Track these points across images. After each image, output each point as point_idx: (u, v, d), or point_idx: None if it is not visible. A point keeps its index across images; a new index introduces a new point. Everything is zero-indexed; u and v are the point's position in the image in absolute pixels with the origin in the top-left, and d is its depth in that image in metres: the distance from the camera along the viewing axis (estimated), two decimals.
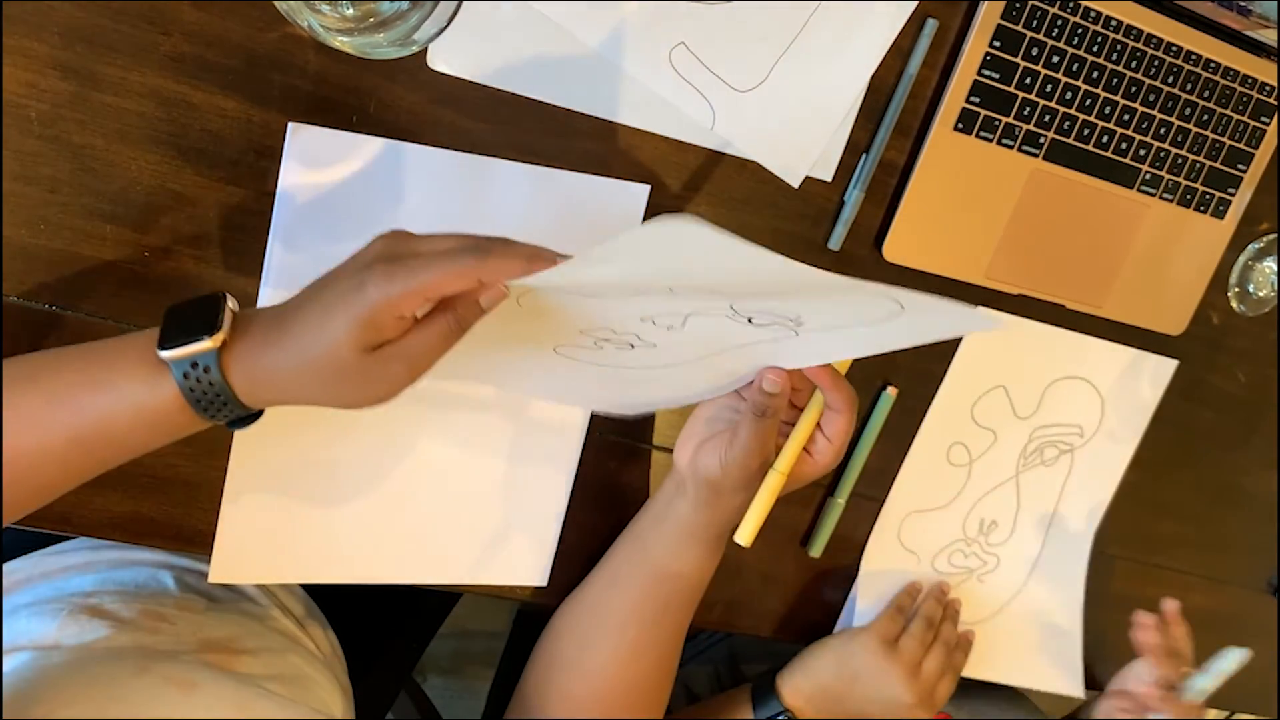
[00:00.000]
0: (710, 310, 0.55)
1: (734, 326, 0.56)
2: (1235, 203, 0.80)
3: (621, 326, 0.57)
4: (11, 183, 0.54)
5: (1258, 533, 0.95)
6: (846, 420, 0.62)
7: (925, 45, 0.68)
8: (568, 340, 0.59)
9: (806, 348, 0.58)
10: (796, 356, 0.59)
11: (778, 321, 0.55)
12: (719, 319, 0.55)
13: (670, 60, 0.63)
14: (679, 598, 0.68)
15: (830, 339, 0.57)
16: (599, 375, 0.63)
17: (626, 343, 0.58)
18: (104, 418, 0.48)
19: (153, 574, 0.67)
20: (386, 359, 0.48)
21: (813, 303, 0.53)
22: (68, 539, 0.69)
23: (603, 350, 0.60)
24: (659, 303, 0.54)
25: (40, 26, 0.52)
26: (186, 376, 0.47)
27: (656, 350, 0.59)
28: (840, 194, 0.70)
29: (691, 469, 0.64)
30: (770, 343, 0.58)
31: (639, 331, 0.57)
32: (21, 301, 0.56)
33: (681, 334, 0.57)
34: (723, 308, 0.54)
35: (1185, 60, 0.74)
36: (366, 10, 0.53)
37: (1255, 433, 0.91)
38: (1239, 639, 0.83)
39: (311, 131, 0.57)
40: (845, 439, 0.62)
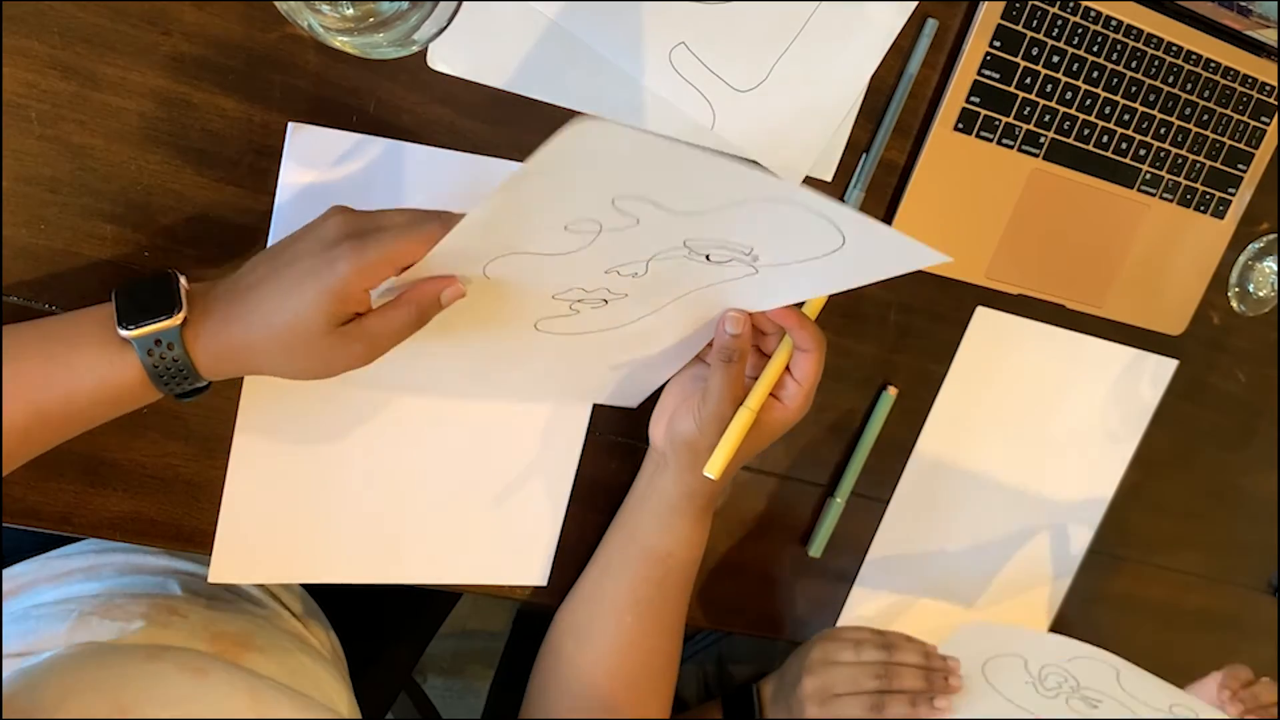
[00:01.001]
0: (669, 251, 0.55)
1: (694, 266, 0.57)
2: (1235, 203, 0.80)
3: (591, 284, 0.58)
4: (11, 183, 0.54)
5: (1258, 533, 0.95)
6: (815, 360, 0.61)
7: (925, 45, 0.68)
8: (545, 310, 0.59)
9: (767, 287, 0.59)
10: (760, 298, 0.60)
11: (735, 257, 0.56)
12: (678, 260, 0.56)
13: (670, 60, 0.63)
14: (673, 577, 0.68)
15: (788, 276, 0.57)
16: (584, 348, 0.63)
17: (599, 299, 0.59)
18: (67, 394, 0.50)
19: (160, 581, 0.67)
20: (350, 336, 0.51)
21: (759, 229, 0.54)
22: (70, 540, 0.69)
23: (579, 315, 0.60)
24: (618, 247, 0.55)
25: (40, 26, 0.52)
26: (150, 354, 0.49)
27: (628, 301, 0.60)
28: (840, 194, 0.70)
29: (669, 439, 0.64)
30: (733, 281, 0.58)
31: (608, 285, 0.58)
32: (21, 301, 0.56)
33: (647, 280, 0.58)
34: (678, 244, 0.55)
35: (1185, 60, 0.74)
36: (366, 10, 0.53)
37: (1255, 433, 0.91)
38: (1239, 639, 0.83)
39: (311, 131, 0.57)
40: (814, 380, 0.62)
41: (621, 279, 0.58)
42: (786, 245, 0.55)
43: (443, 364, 0.63)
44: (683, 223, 0.53)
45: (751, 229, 0.54)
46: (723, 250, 0.56)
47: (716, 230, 0.54)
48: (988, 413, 0.80)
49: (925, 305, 0.75)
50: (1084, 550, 0.88)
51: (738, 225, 0.53)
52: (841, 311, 0.73)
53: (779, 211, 0.52)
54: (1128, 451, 0.86)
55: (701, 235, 0.55)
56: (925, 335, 0.76)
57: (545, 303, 0.59)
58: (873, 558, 0.81)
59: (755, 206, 0.52)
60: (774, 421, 0.63)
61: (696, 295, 0.60)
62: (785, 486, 0.77)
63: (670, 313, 0.62)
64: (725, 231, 0.54)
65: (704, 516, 0.67)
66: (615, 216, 0.53)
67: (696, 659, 1.01)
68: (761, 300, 0.60)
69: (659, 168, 0.49)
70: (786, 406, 0.63)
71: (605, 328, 0.62)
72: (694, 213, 0.53)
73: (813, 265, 0.56)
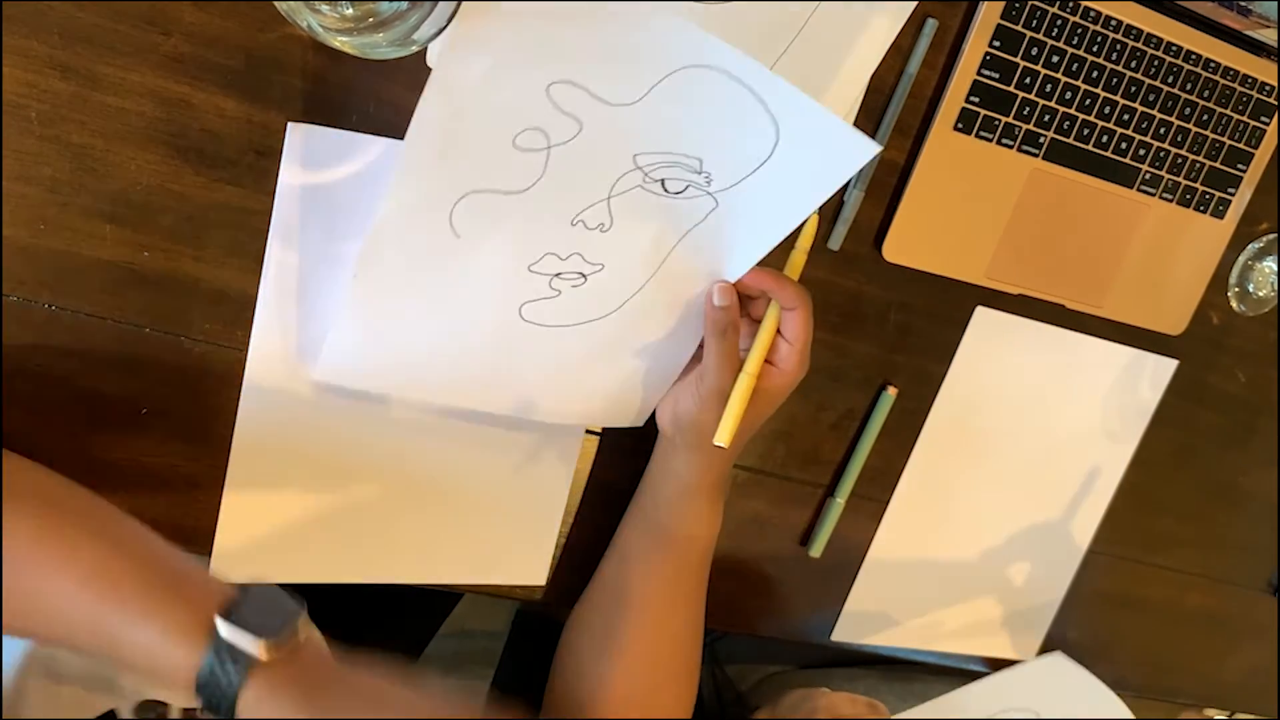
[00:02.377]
0: (624, 178, 0.56)
1: (655, 202, 0.58)
2: (1235, 202, 0.80)
3: (563, 246, 0.58)
4: (11, 183, 0.54)
5: (1258, 533, 0.95)
6: (802, 317, 0.61)
7: (925, 45, 0.68)
8: (526, 290, 0.60)
9: (733, 231, 0.60)
10: (730, 251, 0.61)
11: (690, 182, 0.57)
12: (638, 195, 0.57)
13: None
14: (691, 560, 0.68)
15: (746, 206, 0.59)
16: (577, 343, 0.63)
17: (576, 271, 0.60)
18: (109, 633, 0.45)
19: None
20: None
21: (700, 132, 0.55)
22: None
23: (562, 298, 0.60)
24: (572, 172, 0.55)
25: (40, 26, 0.52)
26: (218, 658, 0.44)
27: (606, 276, 0.60)
28: (840, 194, 0.70)
29: (674, 423, 0.65)
30: (701, 229, 0.59)
31: (580, 250, 0.59)
32: (21, 301, 0.56)
33: (616, 235, 0.59)
34: (629, 163, 0.56)
35: (1185, 60, 0.74)
36: (366, 10, 0.52)
37: (1255, 433, 0.91)
38: (1239, 639, 0.83)
39: (311, 131, 0.57)
40: (805, 338, 0.62)
41: (589, 234, 0.58)
42: (729, 150, 0.56)
43: (439, 370, 0.62)
44: (624, 123, 0.54)
45: (694, 132, 0.55)
46: (674, 168, 0.57)
47: (660, 134, 0.55)
48: (988, 412, 0.80)
49: (925, 305, 0.75)
50: (1084, 550, 0.88)
51: (678, 126, 0.55)
52: (841, 311, 0.73)
53: (709, 93, 0.53)
54: (1127, 451, 0.86)
55: (647, 142, 0.55)
56: (925, 335, 0.76)
57: (524, 279, 0.59)
58: (873, 558, 0.81)
59: (683, 86, 0.53)
60: (774, 388, 0.63)
61: (672, 267, 0.61)
62: (785, 486, 0.77)
63: (652, 293, 0.62)
64: (670, 137, 0.55)
65: (717, 497, 0.67)
66: (556, 119, 0.53)
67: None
68: (732, 256, 0.61)
69: (572, 36, 0.50)
70: (783, 370, 0.62)
71: (592, 317, 0.62)
72: (630, 103, 0.54)
73: (761, 182, 0.57)
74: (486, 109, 0.52)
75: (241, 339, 0.59)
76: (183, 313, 0.58)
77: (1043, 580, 0.88)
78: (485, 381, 0.64)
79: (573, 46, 0.51)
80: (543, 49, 0.50)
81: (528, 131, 0.54)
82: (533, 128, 0.53)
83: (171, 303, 0.58)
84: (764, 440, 0.75)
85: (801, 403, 0.74)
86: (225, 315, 0.59)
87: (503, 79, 0.51)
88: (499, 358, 0.62)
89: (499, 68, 0.51)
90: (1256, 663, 1.00)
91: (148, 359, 0.58)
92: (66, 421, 0.58)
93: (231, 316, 0.59)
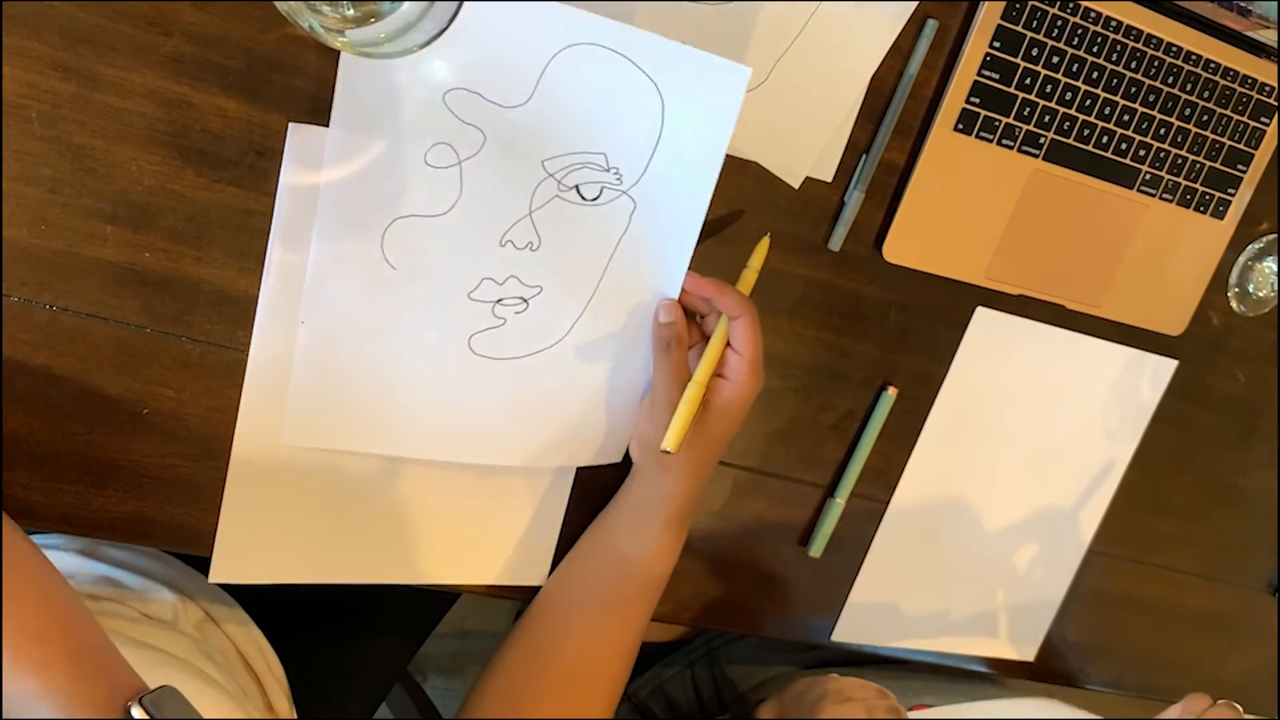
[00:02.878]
0: (540, 190, 0.59)
1: (576, 212, 0.60)
2: (1235, 203, 0.80)
3: (497, 269, 0.60)
4: (12, 183, 0.54)
5: (1258, 533, 0.95)
6: (747, 326, 0.62)
7: (925, 45, 0.68)
8: (471, 320, 0.61)
9: (661, 229, 0.62)
10: (665, 255, 0.63)
11: (603, 183, 0.59)
12: (557, 207, 0.59)
13: None
14: (637, 585, 0.67)
15: (661, 192, 0.61)
16: (532, 378, 0.64)
17: (518, 297, 0.61)
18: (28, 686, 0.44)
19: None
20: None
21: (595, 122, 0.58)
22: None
23: (507, 326, 0.61)
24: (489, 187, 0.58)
25: (40, 27, 0.52)
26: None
27: (546, 299, 0.61)
28: (840, 194, 0.70)
29: (639, 448, 0.66)
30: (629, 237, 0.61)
31: (515, 273, 0.60)
32: (21, 301, 0.56)
33: (547, 253, 0.60)
34: (539, 171, 0.58)
35: (1185, 60, 0.74)
36: (367, 10, 0.52)
37: (1255, 433, 0.91)
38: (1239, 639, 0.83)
39: (313, 131, 0.57)
40: (753, 348, 0.62)
41: (520, 254, 0.60)
42: (626, 131, 0.59)
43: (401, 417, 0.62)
44: (523, 126, 0.57)
45: (589, 123, 0.58)
46: (583, 170, 0.58)
47: (559, 132, 0.58)
48: (988, 413, 0.80)
49: (925, 305, 0.75)
50: (1084, 550, 0.88)
51: (574, 118, 0.57)
52: (841, 312, 0.73)
53: (590, 73, 0.56)
54: (1127, 451, 0.86)
55: (550, 144, 0.58)
56: (925, 335, 0.76)
57: (467, 307, 0.60)
58: (873, 558, 0.81)
59: (565, 73, 0.56)
60: (727, 401, 0.63)
61: (611, 284, 0.62)
62: (785, 486, 0.77)
63: (596, 314, 0.63)
64: (569, 133, 0.58)
65: (675, 525, 0.66)
66: (460, 130, 0.56)
67: (689, 661, 1.00)
68: (665, 254, 0.62)
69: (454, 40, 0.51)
70: (734, 382, 0.62)
71: (541, 347, 0.63)
72: (522, 103, 0.56)
73: (666, 156, 0.60)
74: (393, 128, 0.54)
75: (243, 340, 0.59)
76: (183, 313, 0.58)
77: (1043, 580, 0.88)
78: (449, 426, 0.64)
79: (457, 50, 0.53)
80: (431, 57, 0.53)
81: (436, 147, 0.56)
82: (440, 142, 0.56)
83: (172, 303, 0.58)
84: (764, 440, 0.75)
85: (801, 403, 0.75)
86: (226, 316, 0.59)
87: (401, 94, 0.53)
88: (458, 400, 0.63)
89: (396, 86, 0.54)
90: (1256, 663, 1.00)
91: (148, 359, 0.58)
92: (66, 421, 0.58)
93: (232, 317, 0.59)
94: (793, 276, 0.71)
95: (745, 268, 0.66)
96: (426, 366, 0.61)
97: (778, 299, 0.71)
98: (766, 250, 0.66)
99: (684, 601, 0.77)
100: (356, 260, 0.57)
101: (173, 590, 0.67)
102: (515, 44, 0.55)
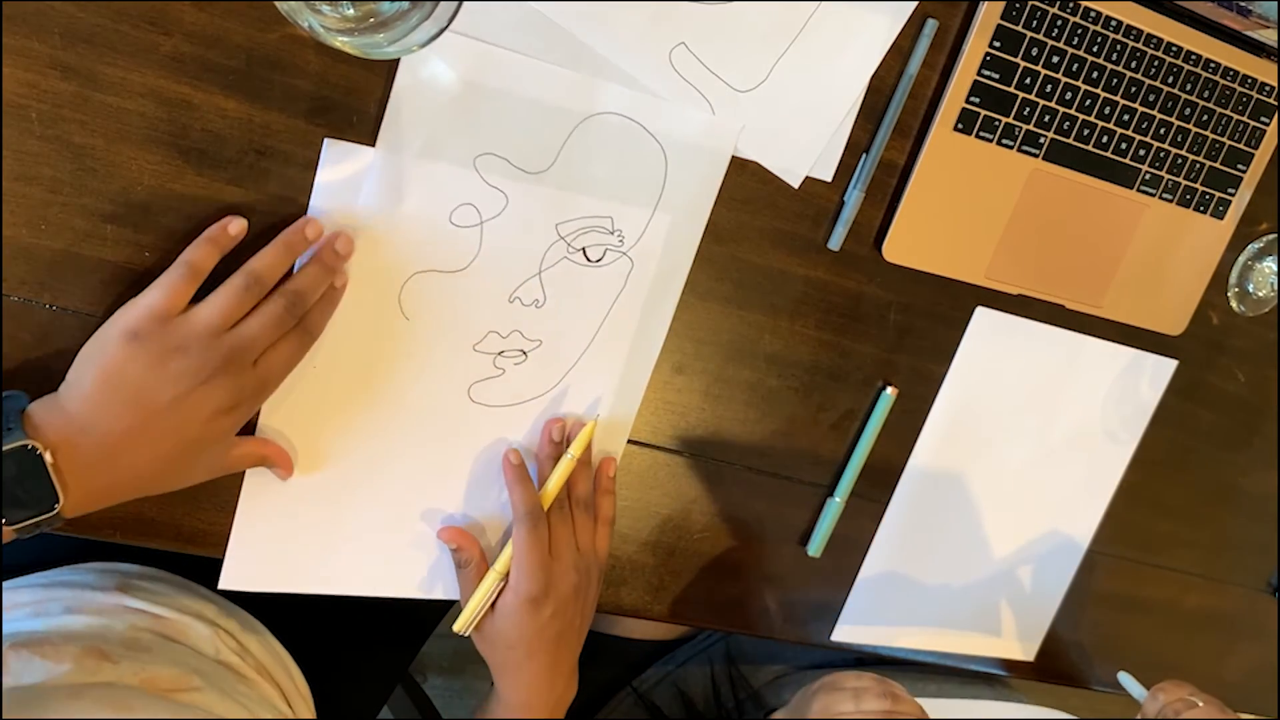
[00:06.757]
0: (551, 251, 0.63)
1: (581, 273, 0.64)
2: (1235, 203, 0.80)
3: (503, 323, 0.64)
4: (12, 183, 0.54)
5: (1258, 533, 0.95)
6: (515, 530, 0.65)
7: (925, 45, 0.68)
8: (472, 370, 0.64)
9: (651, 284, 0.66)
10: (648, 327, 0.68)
11: (607, 245, 0.64)
12: (565, 268, 0.64)
13: (670, 60, 0.63)
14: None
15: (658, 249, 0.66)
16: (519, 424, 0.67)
17: (519, 350, 0.65)
18: None
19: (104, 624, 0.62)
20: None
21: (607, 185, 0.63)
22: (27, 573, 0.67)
23: (505, 375, 0.65)
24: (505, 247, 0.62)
25: (40, 26, 0.52)
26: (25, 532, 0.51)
27: (544, 352, 0.65)
28: (840, 194, 0.70)
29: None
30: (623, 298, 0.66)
31: (519, 327, 0.64)
32: (21, 301, 0.56)
33: (551, 310, 0.64)
34: (553, 233, 0.63)
35: (1185, 60, 0.74)
36: (367, 10, 0.53)
37: (1255, 433, 0.91)
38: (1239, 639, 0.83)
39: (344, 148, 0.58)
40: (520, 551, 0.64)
41: (526, 310, 0.64)
42: (631, 193, 0.64)
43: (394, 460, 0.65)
44: (544, 191, 0.61)
45: (601, 187, 0.62)
46: (591, 234, 0.63)
47: (574, 198, 0.62)
48: (987, 413, 0.80)
49: (925, 305, 0.75)
50: (1084, 550, 0.88)
51: (588, 185, 0.62)
52: (841, 311, 0.73)
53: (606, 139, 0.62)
54: (1127, 452, 0.86)
55: (565, 210, 0.62)
56: (925, 335, 0.76)
57: (470, 358, 0.64)
58: (872, 558, 0.81)
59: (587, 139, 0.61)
60: (501, 601, 0.66)
61: (600, 340, 0.66)
62: (785, 486, 0.77)
63: (584, 371, 0.67)
64: (583, 199, 0.62)
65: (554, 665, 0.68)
66: (486, 193, 0.60)
67: (704, 656, 1.01)
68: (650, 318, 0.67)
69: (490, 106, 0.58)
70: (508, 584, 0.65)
71: (533, 395, 0.66)
72: (545, 169, 0.61)
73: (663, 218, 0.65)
74: (425, 186, 0.58)
75: None
76: None
77: (1043, 580, 0.88)
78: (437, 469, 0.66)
79: (491, 117, 0.58)
80: (468, 121, 0.58)
81: (462, 208, 0.60)
82: (466, 203, 0.60)
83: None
84: (764, 440, 0.75)
85: (801, 403, 0.75)
86: None
87: (438, 152, 0.58)
88: (452, 444, 0.66)
89: (434, 142, 0.58)
90: (1256, 663, 1.00)
91: None
92: None
93: None
94: (793, 276, 0.71)
95: (565, 455, 0.66)
96: (424, 415, 0.64)
97: (778, 299, 0.71)
98: (590, 437, 0.67)
99: (684, 601, 0.77)
100: (370, 307, 0.60)
101: (205, 622, 0.67)
102: (544, 113, 0.60)
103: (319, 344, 0.59)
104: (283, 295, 0.56)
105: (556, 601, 0.65)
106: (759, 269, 0.70)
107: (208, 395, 0.53)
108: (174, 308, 0.53)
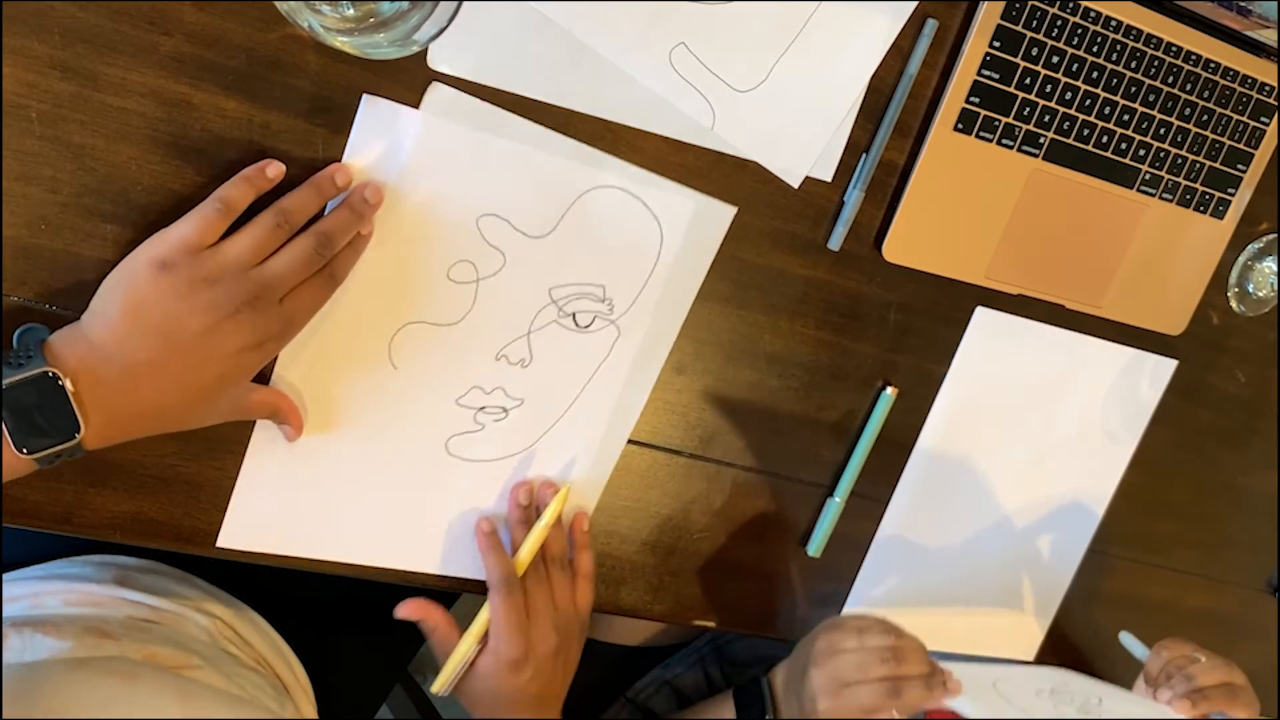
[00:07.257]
0: (541, 313, 0.64)
1: (568, 338, 0.66)
2: (1235, 203, 0.80)
3: (488, 379, 0.65)
4: (12, 183, 0.54)
5: (1258, 533, 0.95)
6: (490, 598, 0.65)
7: (925, 45, 0.68)
8: (452, 423, 0.65)
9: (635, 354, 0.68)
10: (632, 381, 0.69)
11: (596, 313, 0.66)
12: (554, 332, 0.65)
13: (670, 60, 0.63)
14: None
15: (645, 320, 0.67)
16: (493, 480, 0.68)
17: (500, 407, 0.66)
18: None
19: (101, 615, 0.63)
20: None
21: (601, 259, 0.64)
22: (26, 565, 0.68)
23: (485, 431, 0.66)
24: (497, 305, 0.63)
25: (40, 26, 0.52)
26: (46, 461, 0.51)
27: (525, 410, 0.66)
28: (840, 194, 0.70)
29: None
30: (607, 365, 0.67)
31: (503, 384, 0.65)
32: (21, 301, 0.56)
33: (536, 371, 0.66)
34: (545, 297, 0.64)
35: (1185, 60, 0.74)
36: (367, 10, 0.53)
37: (1255, 433, 0.91)
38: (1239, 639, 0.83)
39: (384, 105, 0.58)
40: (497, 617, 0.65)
41: (512, 368, 0.65)
42: (625, 265, 0.65)
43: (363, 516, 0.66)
44: (541, 255, 0.63)
45: (597, 256, 0.64)
46: (582, 300, 0.65)
47: (570, 264, 0.64)
48: (987, 413, 0.80)
49: (925, 305, 0.75)
50: (1084, 550, 0.88)
51: (585, 253, 0.64)
52: (841, 311, 0.73)
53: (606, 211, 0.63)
54: (1127, 451, 0.86)
55: (559, 274, 0.64)
56: (925, 335, 0.76)
57: (452, 412, 0.65)
58: (872, 558, 0.81)
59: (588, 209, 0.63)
60: (479, 664, 0.66)
61: (582, 403, 0.68)
62: (785, 486, 0.77)
63: (562, 434, 0.68)
64: (578, 267, 0.64)
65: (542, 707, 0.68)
66: (484, 251, 0.62)
67: (696, 657, 1.00)
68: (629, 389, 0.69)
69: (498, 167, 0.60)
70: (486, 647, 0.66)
71: (510, 452, 0.67)
72: (545, 234, 0.62)
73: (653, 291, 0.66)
74: (427, 240, 0.60)
75: None
76: None
77: (1043, 580, 0.88)
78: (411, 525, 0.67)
79: (499, 180, 0.60)
80: (475, 181, 0.60)
81: (460, 264, 0.61)
82: (464, 260, 0.61)
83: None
84: (764, 440, 0.75)
85: (801, 402, 0.75)
86: None
87: (442, 208, 0.59)
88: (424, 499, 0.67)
89: (439, 197, 0.59)
90: (1256, 663, 0.99)
91: None
92: None
93: None
94: (793, 276, 0.71)
95: (538, 523, 0.67)
96: (401, 460, 0.65)
97: (778, 299, 0.71)
98: (563, 505, 0.67)
99: (684, 601, 0.77)
100: (360, 356, 0.61)
101: (204, 614, 0.67)
102: (550, 182, 0.62)
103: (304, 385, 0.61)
104: (313, 234, 0.55)
105: (536, 663, 0.66)
106: (759, 269, 0.70)
107: (234, 329, 0.53)
108: (205, 241, 0.53)
